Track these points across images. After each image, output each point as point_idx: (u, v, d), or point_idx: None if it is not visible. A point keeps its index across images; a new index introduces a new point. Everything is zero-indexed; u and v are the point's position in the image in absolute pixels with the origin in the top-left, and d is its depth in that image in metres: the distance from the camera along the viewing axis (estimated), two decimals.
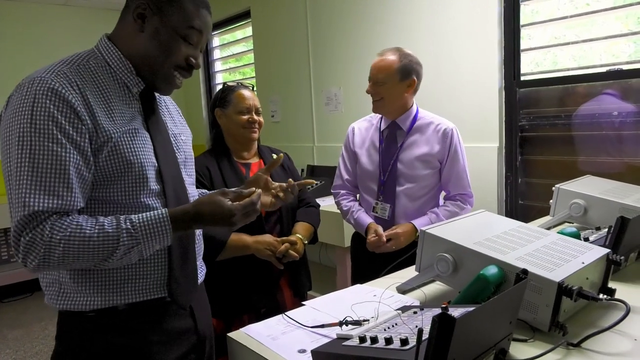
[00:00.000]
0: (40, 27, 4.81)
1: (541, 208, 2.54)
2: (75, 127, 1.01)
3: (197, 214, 1.08)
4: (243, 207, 1.10)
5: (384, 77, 1.95)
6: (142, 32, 1.11)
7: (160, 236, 1.05)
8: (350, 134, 2.19)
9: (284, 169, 2.00)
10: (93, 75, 1.08)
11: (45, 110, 0.98)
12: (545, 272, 1.04)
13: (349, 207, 2.15)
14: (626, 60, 2.37)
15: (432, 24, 2.96)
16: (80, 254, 0.99)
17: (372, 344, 0.90)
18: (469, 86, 2.82)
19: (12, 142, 0.98)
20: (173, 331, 1.20)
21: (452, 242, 1.20)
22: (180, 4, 1.10)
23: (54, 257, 0.97)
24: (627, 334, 1.02)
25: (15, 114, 0.99)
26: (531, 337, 1.03)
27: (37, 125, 0.97)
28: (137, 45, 1.12)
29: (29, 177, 0.97)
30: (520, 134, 2.72)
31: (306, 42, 3.94)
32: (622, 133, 2.37)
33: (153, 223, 1.04)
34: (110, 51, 1.13)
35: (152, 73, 1.14)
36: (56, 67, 1.05)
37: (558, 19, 2.53)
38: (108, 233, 1.00)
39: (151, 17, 1.10)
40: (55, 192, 0.98)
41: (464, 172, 2.04)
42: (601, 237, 1.44)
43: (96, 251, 0.99)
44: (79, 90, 1.03)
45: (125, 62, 1.13)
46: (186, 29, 1.12)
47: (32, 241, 0.96)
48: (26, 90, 1.00)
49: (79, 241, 0.98)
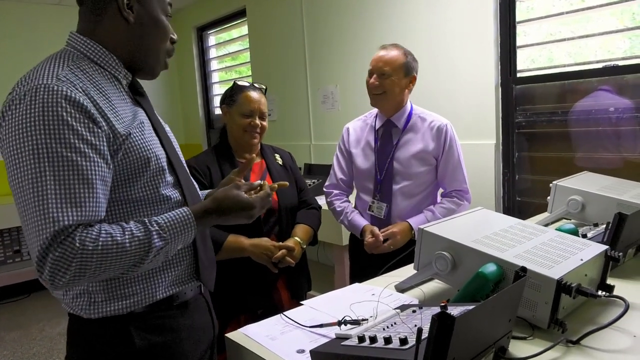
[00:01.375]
0: (33, 26, 4.79)
1: (539, 205, 2.54)
2: (93, 133, 0.96)
3: (218, 209, 1.09)
4: (261, 199, 1.14)
5: (390, 70, 1.95)
6: (132, 23, 1.09)
7: (186, 235, 1.05)
8: (345, 134, 2.19)
9: (286, 169, 1.99)
10: (89, 76, 1.04)
11: (59, 119, 0.92)
12: (544, 270, 1.04)
13: (342, 209, 2.14)
14: (621, 56, 2.38)
15: (428, 22, 2.96)
16: (114, 262, 0.95)
17: (371, 343, 0.89)
18: (465, 83, 2.82)
19: (25, 157, 0.92)
20: (197, 326, 1.20)
21: (451, 240, 1.19)
22: None
23: (89, 269, 0.92)
24: (627, 330, 1.02)
25: (24, 127, 0.92)
26: (530, 334, 1.03)
27: (53, 136, 0.92)
28: (126, 38, 1.10)
29: (54, 191, 0.91)
30: (517, 131, 2.72)
31: (302, 41, 3.93)
32: (618, 129, 2.37)
33: (179, 222, 1.03)
34: (92, 47, 1.08)
35: (146, 59, 1.14)
36: (53, 70, 0.99)
37: (553, 16, 2.53)
38: (139, 238, 0.97)
39: (136, 4, 1.09)
40: (82, 203, 0.93)
41: (459, 167, 2.04)
42: (599, 234, 1.44)
43: (129, 257, 0.96)
44: (84, 93, 0.98)
45: (111, 55, 1.10)
46: (165, 3, 1.14)
47: (63, 256, 0.89)
48: (31, 100, 0.93)
49: (114, 249, 0.94)
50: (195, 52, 5.33)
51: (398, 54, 1.97)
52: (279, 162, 1.99)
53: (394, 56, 1.96)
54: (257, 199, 1.13)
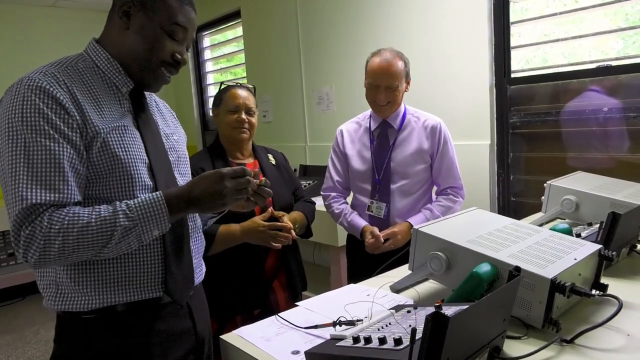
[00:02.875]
0: (28, 29, 4.77)
1: (533, 205, 2.55)
2: (65, 122, 1.02)
3: (190, 193, 1.08)
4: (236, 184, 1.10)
5: (398, 83, 1.96)
6: (128, 30, 1.13)
7: (158, 218, 1.05)
8: (339, 136, 2.19)
9: (279, 169, 1.99)
10: (81, 76, 1.10)
11: (34, 107, 1.00)
12: (538, 269, 1.04)
13: (341, 210, 2.15)
14: (615, 56, 2.39)
15: (423, 23, 2.96)
16: (79, 242, 0.99)
17: (366, 344, 0.89)
18: (460, 84, 2.83)
19: (3, 141, 1.00)
20: (172, 332, 1.20)
21: (445, 241, 1.19)
22: (165, 1, 1.12)
23: (54, 249, 0.97)
24: (620, 329, 1.02)
25: (5, 114, 1.01)
26: (525, 334, 1.03)
27: (27, 122, 0.99)
28: (123, 44, 1.14)
29: (25, 172, 0.98)
30: (512, 131, 2.73)
31: (297, 42, 3.93)
32: (612, 129, 2.38)
33: (149, 204, 1.04)
34: (98, 53, 1.15)
35: (140, 70, 1.16)
36: (44, 68, 1.07)
37: (547, 16, 2.54)
38: (105, 217, 1.01)
39: (136, 14, 1.12)
40: (51, 185, 0.99)
41: (453, 164, 2.07)
42: (593, 233, 1.45)
43: (95, 237, 0.99)
44: (66, 88, 1.05)
45: (113, 62, 1.14)
46: (171, 25, 1.13)
47: (32, 234, 0.97)
48: (15, 90, 1.02)
49: (77, 229, 0.98)
50: (190, 54, 5.32)
51: (400, 64, 1.97)
52: (272, 162, 1.99)
53: (398, 68, 1.96)
54: (231, 184, 1.09)
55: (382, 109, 2.02)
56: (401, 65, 1.97)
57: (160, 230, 1.07)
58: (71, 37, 4.79)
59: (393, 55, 1.98)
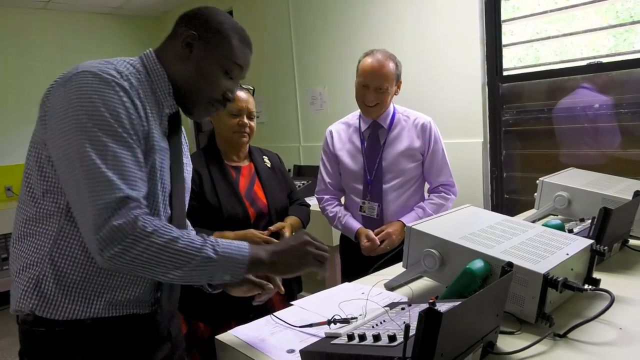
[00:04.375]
0: (19, 31, 4.73)
1: (526, 201, 2.56)
2: (138, 124, 1.01)
3: (275, 260, 1.05)
4: (318, 244, 1.09)
5: (388, 84, 1.95)
6: (188, 60, 1.11)
7: (237, 267, 1.01)
8: (329, 137, 2.19)
9: (274, 172, 1.98)
10: (140, 82, 1.07)
11: (116, 101, 0.97)
12: (531, 265, 1.05)
13: (335, 213, 2.15)
14: (606, 53, 2.41)
15: (415, 22, 2.97)
16: (160, 253, 0.94)
17: (361, 341, 0.90)
18: (452, 82, 2.84)
19: (81, 126, 0.94)
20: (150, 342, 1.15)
21: (438, 238, 1.20)
22: (229, 40, 1.12)
23: (134, 251, 0.92)
24: (612, 323, 1.03)
25: (83, 99, 0.96)
26: (518, 329, 1.03)
27: (107, 119, 0.96)
28: (179, 70, 1.12)
29: (113, 164, 0.94)
30: (504, 129, 2.74)
31: (290, 42, 3.93)
32: (603, 125, 2.40)
33: (235, 250, 1.01)
34: (156, 68, 1.12)
35: (190, 100, 1.14)
36: (118, 65, 1.04)
37: (539, 14, 2.55)
38: (193, 240, 0.97)
39: (198, 47, 1.11)
40: (135, 185, 0.97)
41: (444, 162, 2.08)
42: (585, 229, 1.46)
43: (176, 255, 0.95)
44: (136, 91, 1.03)
45: (167, 83, 1.12)
46: (230, 64, 1.13)
47: (121, 228, 0.91)
48: (89, 80, 0.97)
49: (165, 240, 0.94)
50: None
51: (391, 66, 1.96)
52: (268, 164, 1.98)
53: (390, 70, 1.95)
54: (314, 251, 1.07)
55: (370, 110, 2.02)
56: (392, 67, 1.96)
57: (233, 278, 1.03)
58: (64, 40, 4.79)
59: (385, 56, 1.97)
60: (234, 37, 1.13)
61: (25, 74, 4.64)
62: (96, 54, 5.08)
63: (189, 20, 1.13)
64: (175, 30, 1.14)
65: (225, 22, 1.13)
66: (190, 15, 1.14)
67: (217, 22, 1.12)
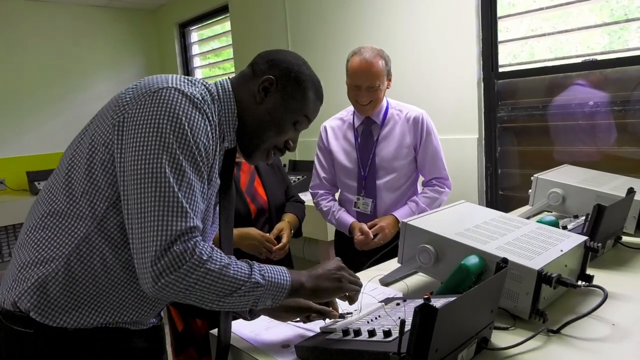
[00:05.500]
0: (12, 23, 4.66)
1: (521, 198, 2.57)
2: (212, 158, 1.00)
3: (314, 285, 1.03)
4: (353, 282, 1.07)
5: (379, 82, 1.94)
6: (261, 104, 1.09)
7: (279, 292, 0.98)
8: (323, 132, 2.19)
9: (272, 167, 1.98)
10: (214, 114, 1.04)
11: (197, 128, 0.95)
12: (525, 261, 1.05)
13: (329, 208, 2.15)
14: (601, 50, 2.41)
15: (410, 18, 2.97)
16: (214, 281, 0.91)
17: (356, 336, 0.90)
18: (447, 78, 2.83)
19: (165, 143, 0.91)
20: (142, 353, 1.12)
21: (434, 234, 1.20)
22: (305, 92, 1.11)
23: (189, 279, 0.89)
24: (605, 319, 1.04)
25: (171, 116, 0.93)
26: (512, 325, 1.04)
27: (190, 144, 0.93)
28: (249, 110, 1.09)
29: (185, 190, 0.91)
30: (499, 125, 2.75)
31: (285, 37, 3.91)
32: (598, 122, 2.41)
33: (278, 276, 0.99)
34: (230, 103, 1.09)
35: (253, 143, 1.12)
36: (199, 87, 1.02)
37: (534, 11, 2.55)
38: (242, 266, 0.95)
39: (274, 94, 1.09)
40: (197, 213, 0.94)
41: (438, 155, 2.07)
42: (579, 225, 1.47)
43: (228, 281, 0.92)
44: (213, 124, 1.01)
45: (235, 119, 1.09)
46: (301, 117, 1.12)
47: (180, 255, 0.88)
48: (179, 100, 0.94)
49: (219, 267, 0.92)
50: (178, 49, 5.28)
51: (381, 63, 1.94)
52: None
53: (379, 68, 1.93)
54: (349, 275, 1.06)
55: (365, 109, 2.02)
56: (382, 64, 1.94)
57: (273, 303, 1.00)
58: (57, 32, 4.73)
59: (373, 54, 1.94)
60: (310, 90, 1.12)
61: (17, 67, 4.58)
62: (91, 47, 5.05)
63: (271, 62, 1.10)
64: (254, 68, 1.12)
65: (304, 72, 1.12)
66: (272, 58, 1.11)
67: (298, 71, 1.10)
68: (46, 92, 4.77)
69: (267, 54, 1.13)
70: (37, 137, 4.67)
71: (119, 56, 5.27)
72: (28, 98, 4.67)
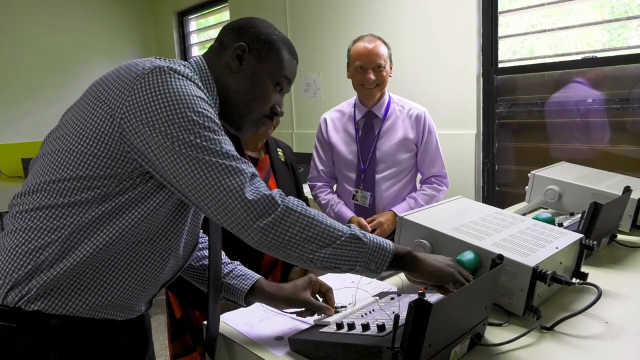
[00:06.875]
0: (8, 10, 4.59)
1: (517, 194, 2.57)
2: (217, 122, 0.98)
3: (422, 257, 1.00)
4: None
5: (384, 62, 1.97)
6: (237, 74, 1.07)
7: (384, 255, 0.94)
8: (323, 124, 2.18)
9: (287, 166, 1.95)
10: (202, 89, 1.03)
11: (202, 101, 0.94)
12: (520, 257, 1.05)
13: (327, 200, 2.15)
14: (600, 48, 2.41)
15: (411, 12, 2.95)
16: (308, 228, 0.90)
17: (349, 330, 0.90)
18: (447, 73, 2.83)
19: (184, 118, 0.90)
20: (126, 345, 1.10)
21: (429, 228, 1.20)
22: (279, 52, 1.09)
23: (286, 223, 0.89)
24: (599, 317, 1.04)
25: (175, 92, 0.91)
26: (506, 321, 1.04)
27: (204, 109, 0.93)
28: (227, 84, 1.08)
29: (231, 149, 0.93)
30: (498, 121, 2.74)
31: (285, 27, 3.89)
32: (596, 120, 2.41)
33: (379, 239, 0.95)
34: (208, 79, 1.08)
35: (239, 115, 1.10)
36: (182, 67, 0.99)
37: (535, 7, 2.55)
38: (335, 222, 0.93)
39: (248, 59, 1.07)
40: None
41: (437, 153, 2.09)
42: (575, 223, 1.47)
43: (324, 231, 0.90)
44: None
45: (216, 95, 1.08)
46: (281, 77, 1.10)
47: (272, 198, 0.89)
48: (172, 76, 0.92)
49: (312, 214, 0.91)
50: (176, 38, 5.24)
51: (384, 46, 1.99)
52: (282, 158, 1.94)
53: (383, 49, 1.98)
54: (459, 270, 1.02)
55: (372, 92, 2.01)
56: (384, 46, 1.99)
57: (377, 269, 0.95)
58: (54, 19, 4.69)
59: (375, 38, 2.00)
60: (283, 49, 1.10)
61: (12, 54, 4.54)
62: (87, 34, 5.00)
63: (238, 31, 1.09)
64: (222, 40, 1.10)
65: (274, 33, 1.10)
66: (238, 26, 1.10)
67: (267, 33, 1.09)
68: (42, 80, 4.73)
69: (231, 24, 1.12)
70: (32, 124, 4.64)
71: (116, 44, 5.22)
72: (24, 85, 4.63)
